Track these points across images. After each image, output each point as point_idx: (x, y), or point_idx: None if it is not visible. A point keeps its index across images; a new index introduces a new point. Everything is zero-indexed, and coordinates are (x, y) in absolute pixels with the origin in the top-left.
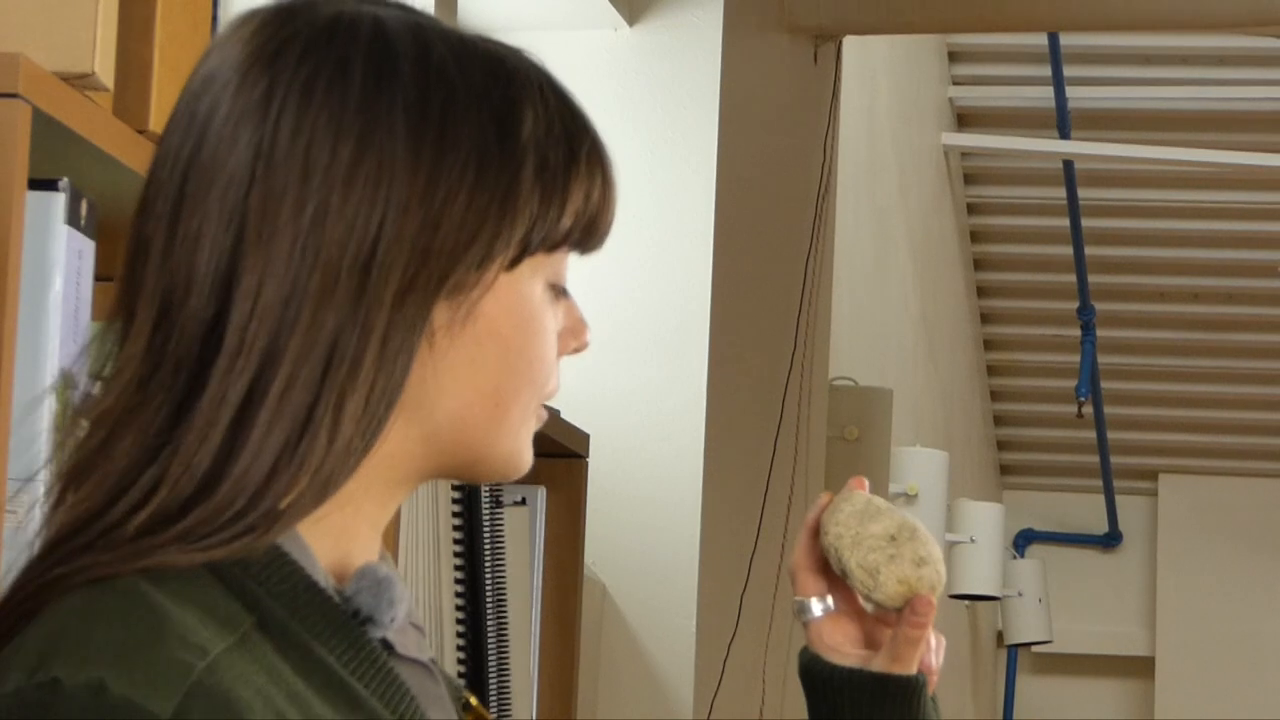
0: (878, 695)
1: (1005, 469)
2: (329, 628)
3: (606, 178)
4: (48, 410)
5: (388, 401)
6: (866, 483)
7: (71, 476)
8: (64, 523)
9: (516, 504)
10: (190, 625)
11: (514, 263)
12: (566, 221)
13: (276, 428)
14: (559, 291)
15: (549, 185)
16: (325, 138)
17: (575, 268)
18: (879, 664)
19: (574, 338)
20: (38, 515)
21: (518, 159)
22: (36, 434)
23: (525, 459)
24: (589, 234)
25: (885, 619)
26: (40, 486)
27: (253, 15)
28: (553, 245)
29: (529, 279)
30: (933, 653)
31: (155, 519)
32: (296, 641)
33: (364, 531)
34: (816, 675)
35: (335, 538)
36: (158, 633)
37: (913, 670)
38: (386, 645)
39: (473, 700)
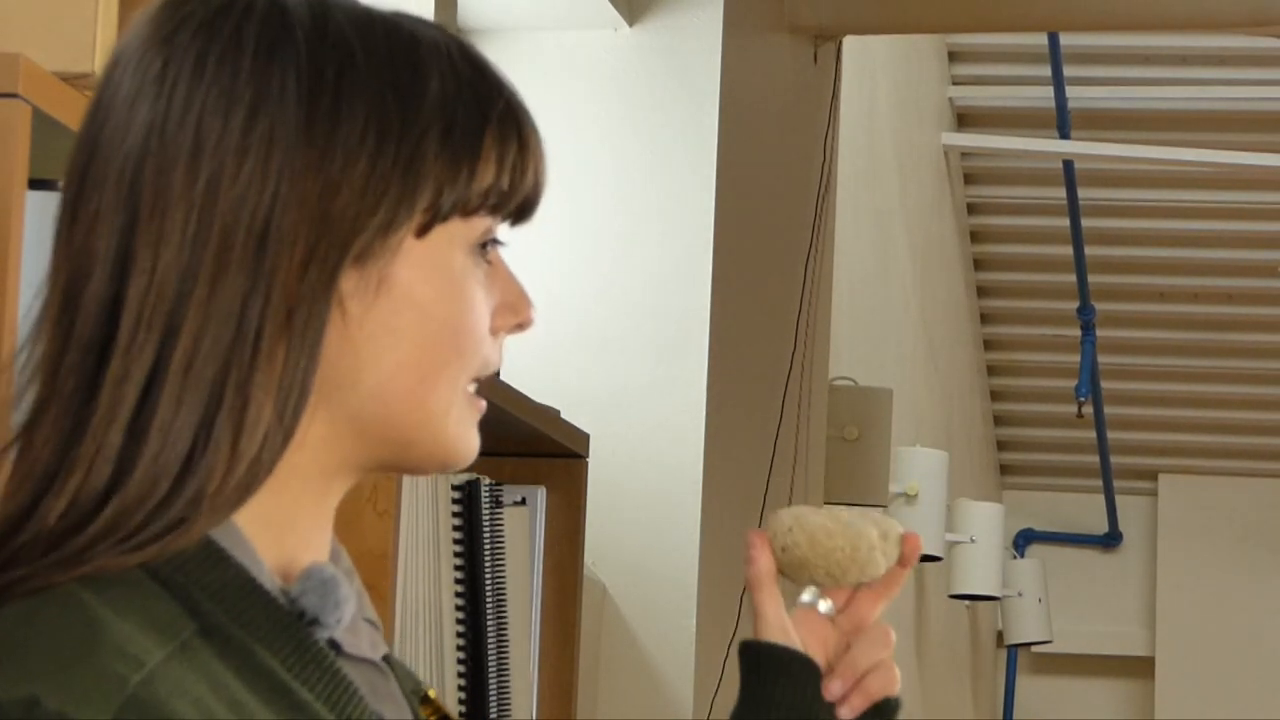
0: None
1: (1005, 469)
2: (272, 630)
3: (524, 141)
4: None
5: (304, 373)
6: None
7: (8, 471)
8: None
9: (516, 504)
10: (128, 634)
11: (426, 228)
12: (480, 185)
13: (185, 404)
14: (493, 264)
15: (457, 149)
16: (216, 109)
17: (575, 269)
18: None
19: (513, 313)
20: None
21: (421, 123)
22: None
23: (465, 445)
24: (508, 199)
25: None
26: None
27: (159, 1)
28: (468, 211)
29: (445, 246)
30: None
31: (76, 509)
32: (239, 646)
33: (305, 526)
34: (790, 657)
35: (277, 533)
36: (94, 644)
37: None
38: (334, 645)
39: (431, 693)
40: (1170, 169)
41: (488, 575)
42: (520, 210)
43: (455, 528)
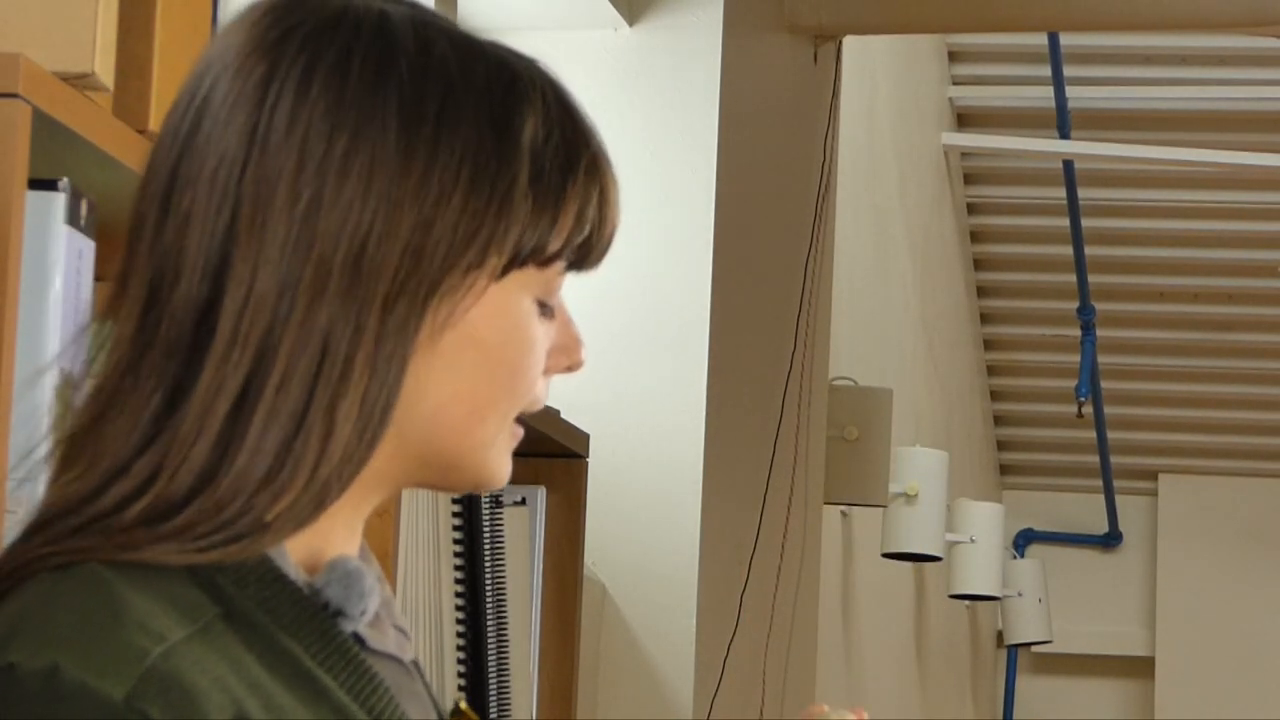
0: None
1: (1005, 469)
2: (297, 619)
3: (605, 194)
4: (47, 409)
5: (384, 405)
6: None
7: (62, 455)
8: (52, 502)
9: (516, 504)
10: (150, 612)
11: (504, 271)
12: (559, 236)
13: (274, 424)
14: (551, 308)
15: (542, 195)
16: (321, 128)
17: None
18: None
19: (566, 355)
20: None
21: (514, 164)
22: (36, 432)
23: (501, 472)
24: (584, 250)
25: None
26: (36, 478)
27: (261, 3)
28: (544, 260)
29: (516, 291)
30: None
31: (154, 511)
32: (263, 633)
33: (335, 530)
34: None
35: (308, 536)
36: (116, 618)
37: None
38: (358, 640)
39: (462, 704)
40: (1170, 169)
41: (488, 575)
42: (592, 259)
43: (455, 528)
